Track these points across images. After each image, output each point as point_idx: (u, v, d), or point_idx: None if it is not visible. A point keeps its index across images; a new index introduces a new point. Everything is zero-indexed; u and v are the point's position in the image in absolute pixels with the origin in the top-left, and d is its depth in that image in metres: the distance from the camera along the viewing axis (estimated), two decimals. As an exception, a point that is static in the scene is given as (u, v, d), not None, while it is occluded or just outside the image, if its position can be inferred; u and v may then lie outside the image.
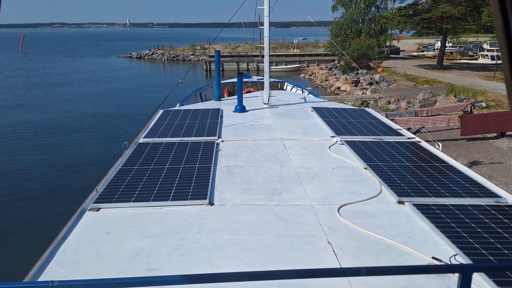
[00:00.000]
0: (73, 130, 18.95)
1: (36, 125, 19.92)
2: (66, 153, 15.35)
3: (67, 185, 12.07)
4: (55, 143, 16.76)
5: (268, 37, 9.30)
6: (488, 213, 3.95)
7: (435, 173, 5.06)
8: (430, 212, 3.96)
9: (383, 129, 7.14)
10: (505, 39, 0.45)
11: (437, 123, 15.42)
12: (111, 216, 3.93)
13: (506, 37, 0.45)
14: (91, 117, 21.90)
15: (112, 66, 51.53)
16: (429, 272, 2.66)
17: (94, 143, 16.67)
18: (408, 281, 2.86)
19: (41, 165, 14.11)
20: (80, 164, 14.02)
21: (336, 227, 3.73)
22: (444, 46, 36.24)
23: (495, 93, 21.24)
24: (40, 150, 15.86)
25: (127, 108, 24.44)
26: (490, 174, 11.28)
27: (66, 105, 25.45)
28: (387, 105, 20.90)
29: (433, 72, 32.03)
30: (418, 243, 3.46)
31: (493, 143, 14.10)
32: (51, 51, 79.34)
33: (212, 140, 6.37)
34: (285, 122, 7.75)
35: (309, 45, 59.70)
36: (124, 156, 5.65)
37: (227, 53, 50.82)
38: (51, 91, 31.37)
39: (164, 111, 8.37)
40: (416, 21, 33.65)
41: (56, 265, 3.11)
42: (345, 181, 4.83)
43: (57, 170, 13.52)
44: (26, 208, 10.74)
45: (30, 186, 12.16)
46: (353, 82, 29.48)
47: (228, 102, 9.77)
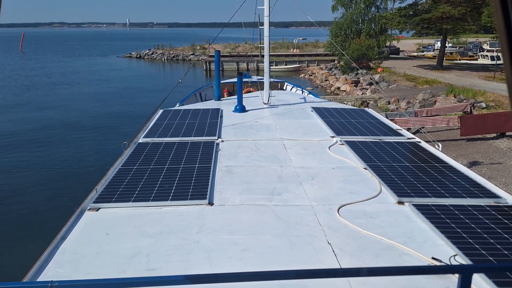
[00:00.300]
0: (73, 130, 18.94)
1: (35, 125, 19.91)
2: (66, 153, 15.34)
3: (67, 185, 12.07)
4: (54, 143, 16.75)
5: (268, 37, 9.30)
6: (488, 214, 3.95)
7: (434, 173, 5.05)
8: (430, 213, 3.96)
9: (383, 129, 7.14)
10: (506, 39, 0.45)
11: (437, 123, 15.42)
12: (111, 216, 3.92)
13: (507, 37, 0.45)
14: (91, 116, 21.90)
15: (112, 66, 51.51)
16: (429, 272, 2.66)
17: (94, 142, 16.67)
18: (408, 282, 2.86)
19: (40, 164, 14.10)
20: (80, 164, 14.02)
21: (336, 227, 3.73)
22: (444, 46, 36.26)
23: (495, 94, 21.24)
24: (39, 149, 15.85)
25: (126, 108, 24.43)
26: (489, 174, 11.28)
27: (66, 105, 25.44)
28: (387, 105, 20.91)
29: (433, 73, 32.04)
30: (418, 243, 3.46)
31: (492, 144, 14.11)
32: (51, 51, 79.35)
33: (212, 140, 6.36)
34: (285, 122, 7.75)
35: (309, 45, 59.69)
36: (123, 156, 5.64)
37: (227, 53, 50.81)
38: (51, 90, 31.37)
39: (164, 111, 8.36)
40: (416, 21, 33.67)
41: (56, 265, 3.10)
42: (345, 181, 4.82)
43: (57, 170, 13.51)
44: (25, 208, 10.73)
45: (29, 186, 12.15)
46: (353, 82, 29.49)
47: (228, 102, 9.77)
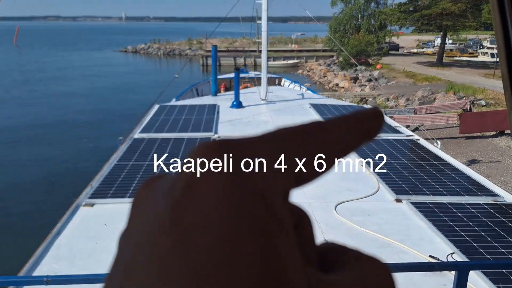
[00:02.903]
0: (68, 125, 18.80)
1: (30, 120, 19.76)
2: (61, 148, 15.25)
3: (62, 180, 11.99)
4: (49, 138, 16.65)
5: (266, 32, 9.23)
6: (486, 212, 3.92)
7: (433, 171, 5.03)
8: (427, 210, 3.93)
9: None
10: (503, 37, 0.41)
11: (436, 121, 15.39)
12: (106, 211, 3.90)
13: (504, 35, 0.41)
14: (86, 112, 21.72)
15: (108, 60, 51.15)
16: (426, 270, 2.64)
17: (89, 138, 16.55)
18: (406, 279, 2.84)
19: (35, 159, 14.01)
20: (75, 159, 13.93)
21: (333, 224, 3.71)
22: (444, 43, 36.21)
23: (495, 91, 21.22)
24: (34, 145, 15.76)
25: (122, 103, 24.26)
26: (488, 172, 11.26)
27: (61, 100, 25.25)
28: (385, 102, 20.88)
29: (433, 69, 32.00)
30: (415, 241, 3.44)
31: (492, 142, 14.09)
32: (46, 45, 78.79)
33: (208, 136, 6.32)
34: (282, 119, 7.70)
35: (307, 41, 59.56)
36: (119, 152, 5.61)
37: (224, 48, 50.61)
38: (46, 85, 31.17)
39: (160, 107, 8.31)
40: (416, 17, 33.62)
41: (51, 260, 3.11)
42: (343, 179, 4.79)
43: (52, 165, 13.43)
44: (20, 203, 10.68)
45: (24, 181, 12.08)
46: (351, 78, 29.42)
47: (224, 97, 9.71)
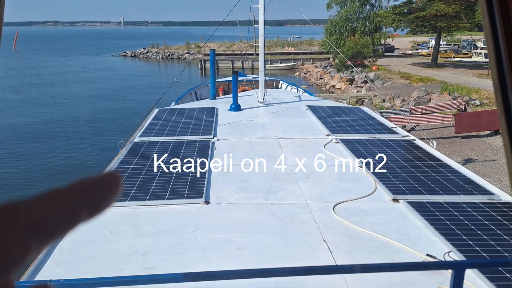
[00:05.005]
0: (68, 129, 18.83)
1: (30, 125, 19.78)
2: (61, 153, 15.27)
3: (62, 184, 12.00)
4: (50, 143, 16.66)
5: (263, 35, 9.31)
6: (482, 211, 3.99)
7: (429, 171, 5.09)
8: (424, 210, 3.99)
9: (378, 127, 7.18)
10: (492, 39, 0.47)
11: (431, 121, 15.50)
12: (107, 215, 3.92)
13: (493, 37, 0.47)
14: (86, 116, 21.76)
15: (107, 65, 51.18)
16: (421, 268, 2.69)
17: (89, 142, 16.58)
18: (403, 278, 2.89)
19: (35, 164, 14.03)
20: (75, 163, 13.95)
21: (331, 225, 3.76)
22: (439, 44, 36.40)
23: (489, 91, 21.35)
24: (34, 149, 15.76)
25: (121, 107, 24.29)
26: (483, 171, 11.36)
27: (61, 104, 25.27)
28: (381, 103, 20.98)
29: (428, 70, 32.14)
30: (412, 240, 3.49)
31: (486, 141, 14.20)
32: (45, 50, 78.67)
33: (207, 139, 6.37)
34: (280, 121, 7.77)
35: (303, 43, 59.67)
36: (119, 155, 5.64)
37: (222, 52, 50.68)
38: (45, 90, 31.14)
39: (159, 110, 8.36)
40: (410, 19, 33.80)
41: (53, 264, 3.11)
42: (340, 179, 4.86)
43: (52, 170, 13.45)
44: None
45: (25, 185, 12.09)
46: (348, 80, 29.53)
47: (223, 100, 9.77)
